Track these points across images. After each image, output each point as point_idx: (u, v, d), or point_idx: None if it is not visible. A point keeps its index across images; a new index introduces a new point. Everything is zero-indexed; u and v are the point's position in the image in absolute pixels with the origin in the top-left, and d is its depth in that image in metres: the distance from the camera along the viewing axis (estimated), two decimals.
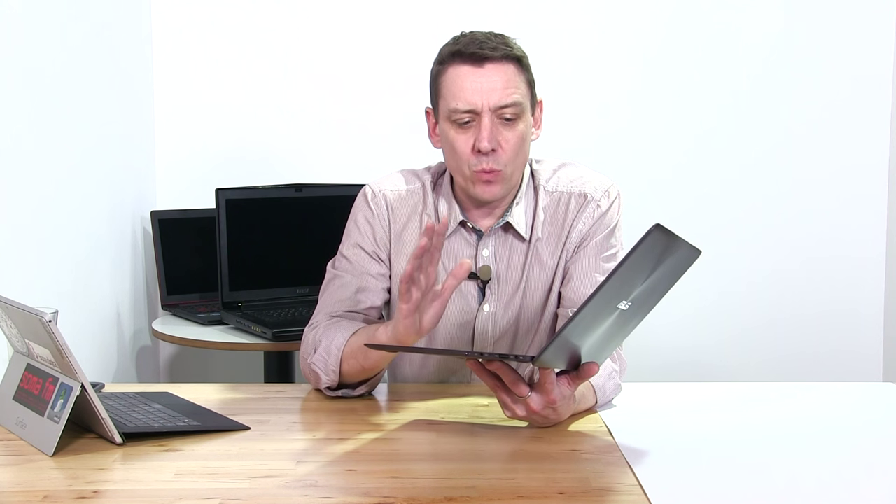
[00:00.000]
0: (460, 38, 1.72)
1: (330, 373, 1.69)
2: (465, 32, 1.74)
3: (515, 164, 1.72)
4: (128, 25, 2.81)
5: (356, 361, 1.67)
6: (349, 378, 1.70)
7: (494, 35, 1.72)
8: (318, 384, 1.72)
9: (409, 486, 1.29)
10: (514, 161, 1.71)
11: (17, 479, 1.33)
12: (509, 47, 1.71)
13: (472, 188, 1.73)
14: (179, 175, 3.01)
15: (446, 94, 1.71)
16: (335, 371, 1.69)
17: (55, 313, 1.54)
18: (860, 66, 3.07)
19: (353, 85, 3.02)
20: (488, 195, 1.73)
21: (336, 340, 1.69)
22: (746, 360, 3.12)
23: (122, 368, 2.69)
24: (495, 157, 1.69)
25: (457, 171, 1.74)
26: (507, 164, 1.70)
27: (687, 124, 3.08)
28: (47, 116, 2.19)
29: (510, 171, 1.71)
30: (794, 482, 1.32)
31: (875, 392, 1.85)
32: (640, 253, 1.28)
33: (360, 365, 1.67)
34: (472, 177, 1.71)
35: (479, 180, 1.71)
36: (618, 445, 1.45)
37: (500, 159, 1.69)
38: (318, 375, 1.71)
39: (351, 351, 1.67)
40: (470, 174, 1.71)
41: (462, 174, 1.72)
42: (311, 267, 2.34)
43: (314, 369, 1.71)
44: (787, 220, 3.11)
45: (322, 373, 1.70)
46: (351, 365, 1.68)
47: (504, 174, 1.71)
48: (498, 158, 1.69)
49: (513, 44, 1.73)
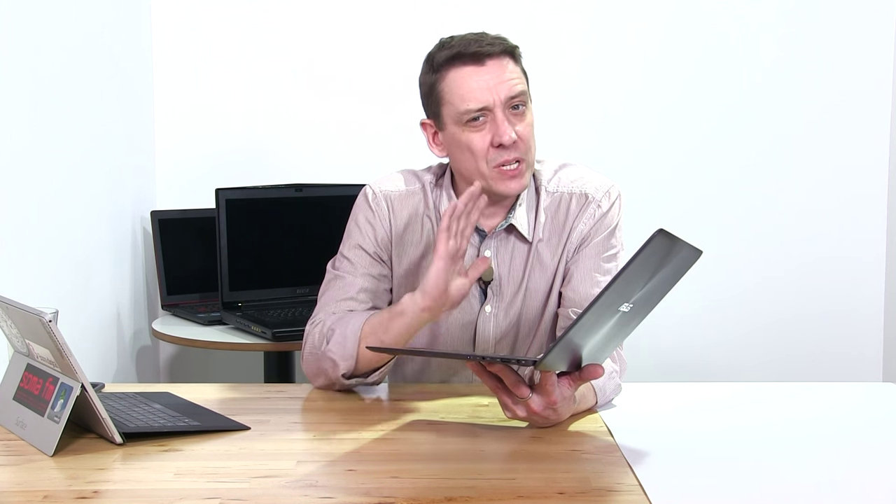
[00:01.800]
0: (450, 43, 1.71)
1: (348, 358, 1.68)
2: (446, 38, 1.73)
3: (533, 153, 1.74)
4: (128, 25, 2.81)
5: (375, 339, 1.66)
6: (364, 364, 1.69)
7: (483, 33, 1.73)
8: (330, 374, 1.70)
9: (409, 486, 1.29)
10: (532, 150, 1.73)
11: (17, 479, 1.33)
12: (503, 41, 1.72)
13: (495, 185, 1.71)
14: (179, 175, 3.01)
15: (453, 99, 1.70)
16: (353, 356, 1.68)
17: (55, 313, 1.53)
18: (860, 66, 3.07)
19: (353, 85, 3.02)
20: (515, 188, 1.72)
21: (352, 325, 1.69)
22: (746, 361, 3.13)
23: (122, 368, 2.69)
24: (516, 148, 1.69)
25: (475, 171, 1.71)
26: (527, 154, 1.71)
27: (687, 125, 3.08)
28: (47, 117, 2.19)
29: (531, 159, 1.73)
30: (794, 482, 1.32)
31: (875, 392, 1.85)
32: (643, 258, 1.28)
33: (378, 342, 1.65)
34: (493, 174, 1.70)
35: (503, 176, 1.70)
36: (618, 445, 1.45)
37: (520, 150, 1.70)
38: (335, 363, 1.69)
39: (371, 329, 1.67)
40: (490, 171, 1.70)
41: (482, 174, 1.70)
42: (311, 267, 2.34)
43: (330, 356, 1.69)
44: (788, 221, 3.11)
45: (339, 359, 1.69)
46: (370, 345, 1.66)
47: (527, 163, 1.72)
48: (518, 149, 1.70)
49: (504, 38, 1.73)
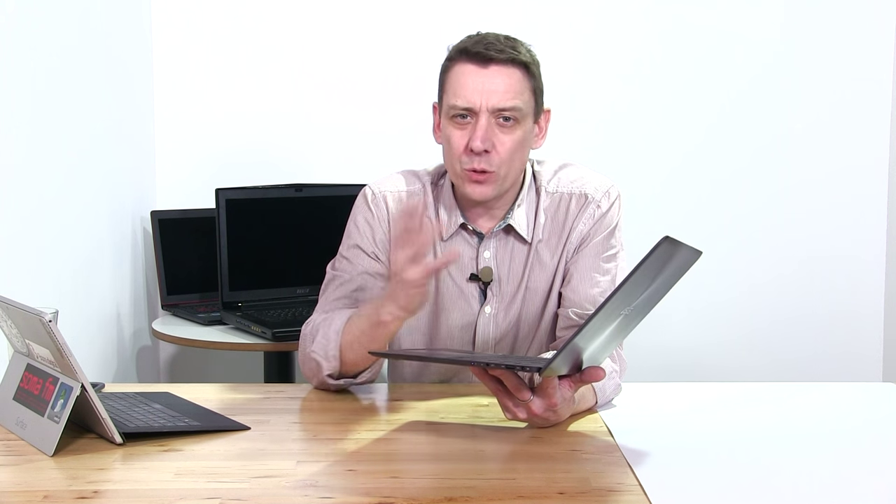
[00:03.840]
0: (472, 37, 1.72)
1: (331, 358, 1.68)
2: (480, 32, 1.73)
3: (510, 168, 1.71)
4: (128, 25, 2.81)
5: (354, 339, 1.65)
6: (350, 363, 1.68)
7: (507, 38, 1.71)
8: (319, 374, 1.70)
9: (409, 486, 1.29)
10: (508, 165, 1.70)
11: (17, 479, 1.33)
12: (517, 52, 1.69)
13: (462, 186, 1.73)
14: (179, 175, 3.01)
15: (448, 90, 1.72)
16: (335, 356, 1.67)
17: (55, 313, 1.53)
18: (860, 66, 3.07)
19: (354, 85, 3.02)
20: (477, 195, 1.72)
21: (334, 325, 1.69)
22: (746, 361, 3.12)
23: (122, 368, 2.69)
24: (488, 159, 1.68)
25: (449, 167, 1.74)
26: (500, 167, 1.69)
27: (687, 125, 3.08)
28: (47, 117, 2.18)
29: (503, 173, 1.70)
30: (794, 482, 1.32)
31: (875, 392, 1.85)
32: (649, 264, 1.27)
33: (359, 343, 1.64)
34: (462, 175, 1.71)
35: (468, 179, 1.71)
36: (618, 445, 1.45)
37: (492, 161, 1.69)
38: (318, 364, 1.69)
39: (350, 331, 1.66)
40: (460, 171, 1.71)
41: (453, 171, 1.73)
42: (311, 267, 2.34)
43: (314, 357, 1.69)
44: (788, 221, 3.11)
45: (322, 359, 1.68)
46: (351, 346, 1.65)
47: (496, 176, 1.70)
48: (490, 160, 1.68)
49: (522, 49, 1.71)
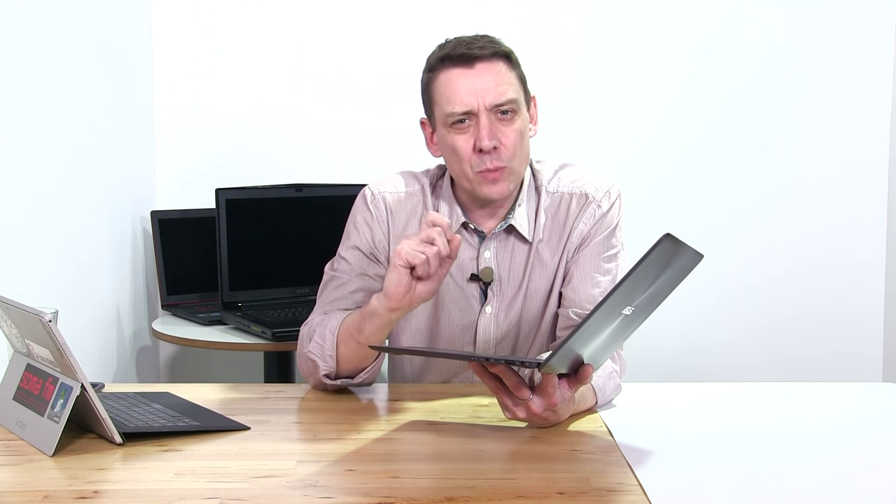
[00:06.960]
0: (446, 44, 1.73)
1: (327, 358, 1.68)
2: (449, 38, 1.74)
3: (519, 160, 1.72)
4: (128, 25, 2.81)
5: (352, 339, 1.65)
6: (347, 364, 1.68)
7: (480, 35, 1.73)
8: (316, 374, 1.70)
9: (409, 486, 1.29)
10: (518, 156, 1.71)
11: (17, 479, 1.33)
12: (496, 45, 1.71)
13: (478, 189, 1.72)
14: (179, 175, 3.01)
15: (440, 100, 1.71)
16: (332, 356, 1.67)
17: (55, 313, 1.53)
18: (860, 67, 3.07)
19: (354, 85, 3.02)
20: (496, 193, 1.72)
21: (330, 324, 1.69)
22: (746, 361, 3.12)
23: (122, 368, 2.69)
24: (497, 155, 1.69)
25: (461, 174, 1.73)
26: (511, 160, 1.70)
27: (687, 126, 3.08)
28: (47, 117, 2.19)
29: (514, 166, 1.71)
30: (795, 482, 1.32)
31: (875, 392, 1.85)
32: (650, 262, 1.27)
33: (355, 342, 1.64)
34: (477, 178, 1.71)
35: (484, 180, 1.71)
36: (618, 445, 1.45)
37: (502, 156, 1.69)
38: (315, 364, 1.69)
39: (346, 330, 1.66)
40: (474, 175, 1.71)
41: (466, 177, 1.72)
42: (311, 267, 2.34)
43: (311, 357, 1.69)
44: (788, 221, 3.11)
45: (319, 359, 1.68)
46: (348, 345, 1.66)
47: (509, 170, 1.71)
48: (500, 155, 1.69)
49: (499, 41, 1.73)
